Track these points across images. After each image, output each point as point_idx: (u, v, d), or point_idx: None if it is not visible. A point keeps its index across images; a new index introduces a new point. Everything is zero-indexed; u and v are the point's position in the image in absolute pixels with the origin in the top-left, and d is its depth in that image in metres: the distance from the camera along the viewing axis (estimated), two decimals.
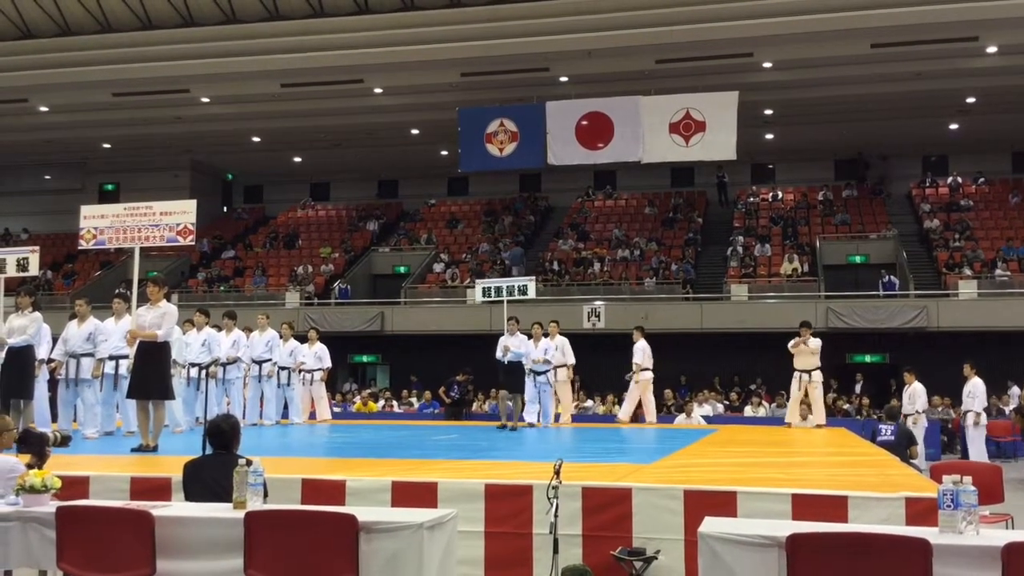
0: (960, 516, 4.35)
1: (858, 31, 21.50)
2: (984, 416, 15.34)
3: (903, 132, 27.53)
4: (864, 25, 21.27)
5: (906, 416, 14.62)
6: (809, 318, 21.66)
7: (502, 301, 15.40)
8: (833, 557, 4.25)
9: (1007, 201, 27.94)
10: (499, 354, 13.58)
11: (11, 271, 11.02)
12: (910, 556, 4.14)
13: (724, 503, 5.96)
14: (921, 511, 5.62)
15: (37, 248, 11.34)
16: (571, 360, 14.83)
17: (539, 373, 13.93)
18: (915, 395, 14.50)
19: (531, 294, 15.73)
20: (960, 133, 27.96)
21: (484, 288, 15.95)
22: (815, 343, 14.03)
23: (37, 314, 10.41)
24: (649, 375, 15.00)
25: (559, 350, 14.47)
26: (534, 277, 17.22)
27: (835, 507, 5.83)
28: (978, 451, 14.90)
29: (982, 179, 28.97)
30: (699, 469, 7.84)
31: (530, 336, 14.19)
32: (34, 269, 11.20)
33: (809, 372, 14.04)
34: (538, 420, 13.90)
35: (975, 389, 14.98)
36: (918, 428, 14.40)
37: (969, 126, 27.27)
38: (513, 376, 13.52)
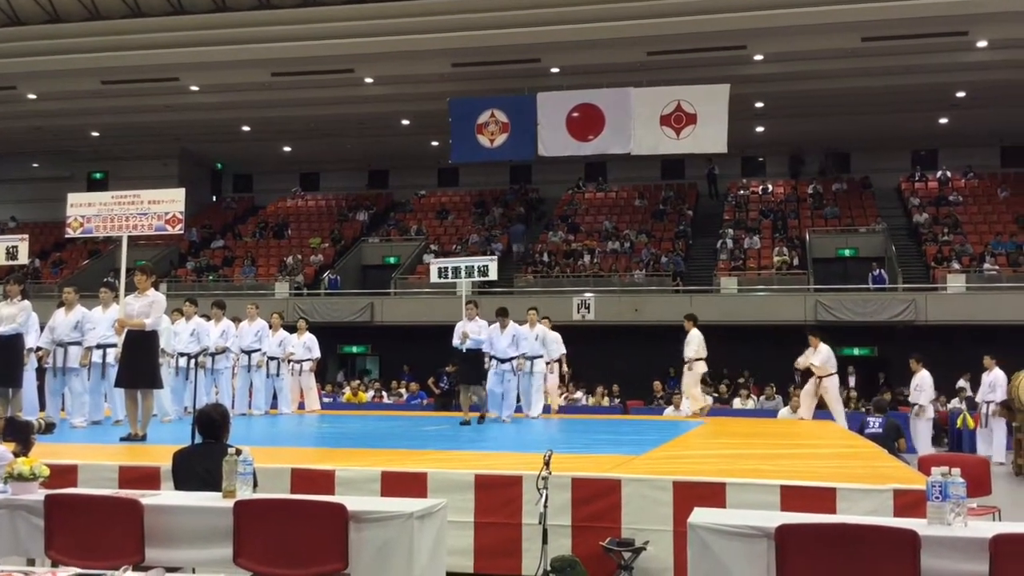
0: (948, 508, 4.36)
1: (849, 24, 21.54)
2: (931, 408, 15.52)
3: (893, 126, 27.61)
4: (855, 19, 21.32)
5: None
6: (798, 311, 21.93)
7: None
8: (822, 548, 4.26)
9: (996, 195, 28.06)
10: (456, 341, 12.35)
11: (0, 259, 10.97)
12: (898, 547, 4.15)
13: (713, 494, 5.98)
14: (909, 503, 5.65)
15: (26, 236, 11.31)
16: (553, 353, 14.17)
17: (502, 361, 12.71)
18: (825, 358, 14.46)
19: (492, 275, 14.57)
20: (950, 127, 28.06)
21: (440, 268, 14.50)
22: (690, 336, 14.30)
23: (26, 302, 10.36)
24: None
25: (540, 340, 13.63)
26: (496, 257, 15.86)
27: (824, 499, 5.85)
28: (924, 443, 15.02)
29: (971, 173, 29.09)
30: (688, 460, 7.86)
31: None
32: (23, 257, 11.16)
33: (687, 362, 14.34)
34: (503, 414, 12.78)
35: (922, 382, 15.12)
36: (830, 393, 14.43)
37: (959, 120, 27.37)
38: (470, 365, 12.53)
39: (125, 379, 9.51)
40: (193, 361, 12.03)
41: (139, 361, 9.37)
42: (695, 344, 14.32)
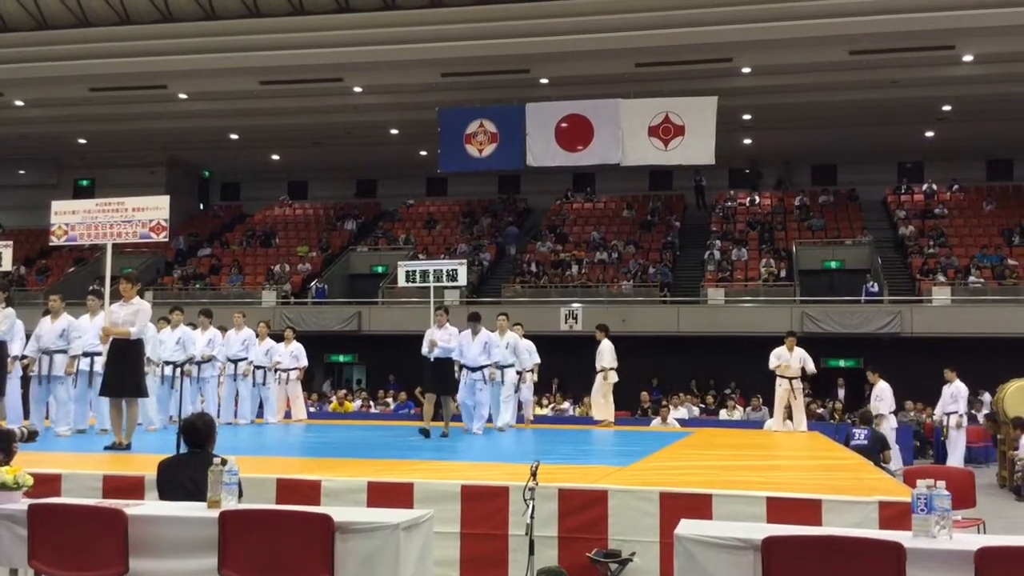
0: (933, 520, 4.37)
1: (836, 38, 21.66)
2: (893, 419, 15.55)
3: (879, 139, 27.76)
4: (842, 32, 21.44)
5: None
6: (785, 322, 21.98)
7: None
8: (808, 560, 4.27)
9: (981, 209, 28.23)
10: (424, 349, 11.72)
11: None
12: (884, 559, 4.16)
13: (699, 506, 5.97)
14: (894, 515, 5.66)
15: (11, 242, 11.24)
16: (526, 363, 13.51)
17: (472, 370, 12.08)
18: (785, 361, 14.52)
19: (461, 280, 14.00)
20: (936, 141, 28.24)
21: (408, 272, 13.82)
22: (602, 347, 14.43)
23: (10, 310, 10.29)
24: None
25: (511, 348, 12.93)
26: (465, 261, 15.15)
27: (809, 510, 5.86)
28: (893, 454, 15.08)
29: (957, 186, 29.26)
30: (675, 472, 7.86)
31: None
32: (7, 264, 11.11)
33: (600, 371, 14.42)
34: (474, 426, 12.15)
35: (882, 392, 15.17)
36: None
37: (945, 134, 27.55)
38: (439, 374, 11.80)
39: (110, 388, 9.46)
40: (179, 370, 11.98)
41: (124, 370, 9.32)
42: (608, 355, 14.37)
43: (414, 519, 4.93)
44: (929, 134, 27.89)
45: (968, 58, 22.44)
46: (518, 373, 13.41)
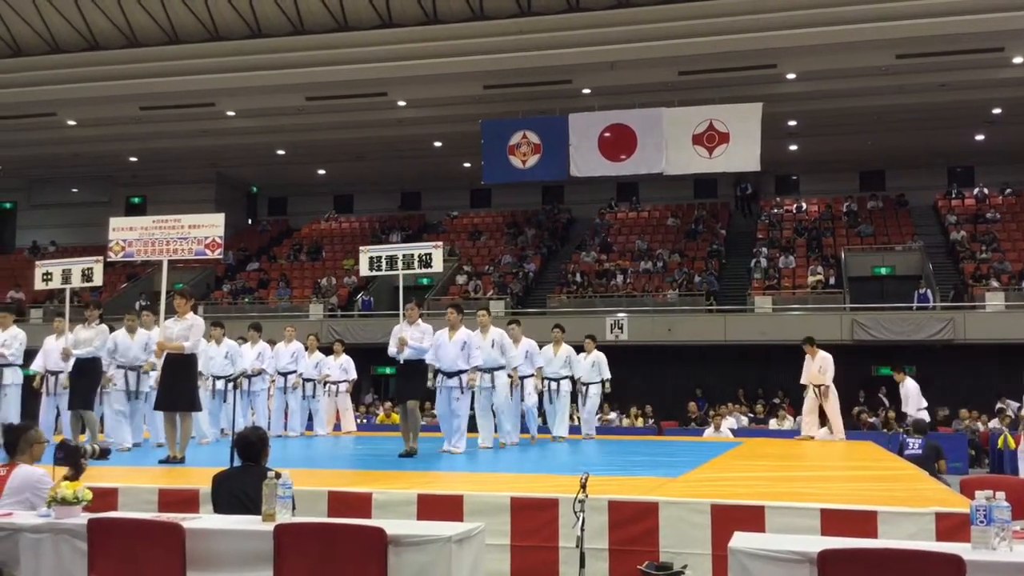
0: (993, 532, 4.29)
1: (882, 42, 21.43)
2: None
3: (928, 143, 27.38)
4: (888, 36, 21.20)
5: None
6: (834, 330, 21.75)
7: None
8: (865, 573, 4.21)
9: None
10: (392, 350, 10.31)
11: (76, 281, 11.17)
12: (943, 572, 4.09)
13: (752, 518, 5.90)
14: (952, 526, 5.55)
15: (100, 258, 11.35)
16: (513, 362, 11.37)
17: (448, 375, 10.46)
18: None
19: (436, 266, 12.08)
20: (986, 144, 27.78)
21: (373, 258, 12.04)
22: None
23: (103, 327, 10.54)
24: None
25: (498, 347, 11.08)
26: (441, 243, 13.02)
27: (864, 522, 5.76)
28: None
29: (1009, 190, 28.73)
30: (726, 483, 7.79)
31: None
32: (98, 279, 11.30)
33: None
34: (451, 442, 10.56)
35: (825, 363, 14.73)
36: None
37: (995, 137, 27.09)
38: (411, 380, 10.40)
39: (164, 402, 9.62)
40: (232, 384, 12.14)
41: (178, 384, 9.48)
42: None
43: (466, 531, 4.94)
44: (979, 137, 27.46)
45: (1018, 60, 22.06)
46: (509, 376, 11.35)
